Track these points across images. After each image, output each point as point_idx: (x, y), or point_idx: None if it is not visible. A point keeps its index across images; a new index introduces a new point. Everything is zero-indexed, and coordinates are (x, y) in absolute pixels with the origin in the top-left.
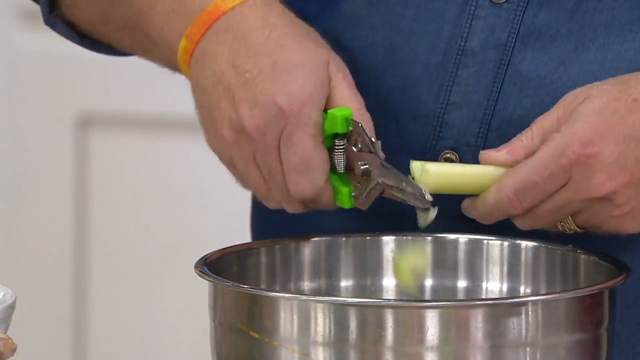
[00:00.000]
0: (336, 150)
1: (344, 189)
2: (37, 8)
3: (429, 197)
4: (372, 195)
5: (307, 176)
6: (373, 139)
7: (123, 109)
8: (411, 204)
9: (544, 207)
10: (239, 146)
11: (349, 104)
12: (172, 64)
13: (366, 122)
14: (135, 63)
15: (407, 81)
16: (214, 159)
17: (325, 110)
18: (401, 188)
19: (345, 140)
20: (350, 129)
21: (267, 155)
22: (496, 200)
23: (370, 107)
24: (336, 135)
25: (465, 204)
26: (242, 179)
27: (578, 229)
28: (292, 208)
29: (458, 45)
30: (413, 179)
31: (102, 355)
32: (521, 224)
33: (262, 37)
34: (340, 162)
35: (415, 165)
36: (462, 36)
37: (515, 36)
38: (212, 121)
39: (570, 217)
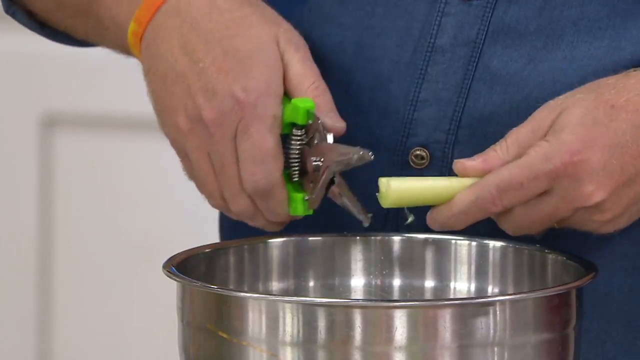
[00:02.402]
0: (293, 140)
1: (298, 195)
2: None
3: (369, 155)
4: (322, 186)
5: (263, 167)
6: (329, 138)
7: (88, 109)
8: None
9: (533, 215)
10: (194, 136)
11: (304, 80)
12: (124, 48)
13: (323, 94)
14: (100, 63)
15: (377, 79)
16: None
17: (286, 95)
18: (350, 160)
19: (303, 130)
20: (310, 122)
21: (222, 146)
22: (477, 195)
23: (340, 105)
24: (295, 125)
25: (434, 211)
26: (192, 170)
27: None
28: (237, 205)
29: (428, 42)
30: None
31: (69, 357)
32: (510, 229)
33: (211, 22)
34: (295, 153)
35: (382, 182)
36: (431, 33)
37: (484, 33)
38: (165, 107)
39: None
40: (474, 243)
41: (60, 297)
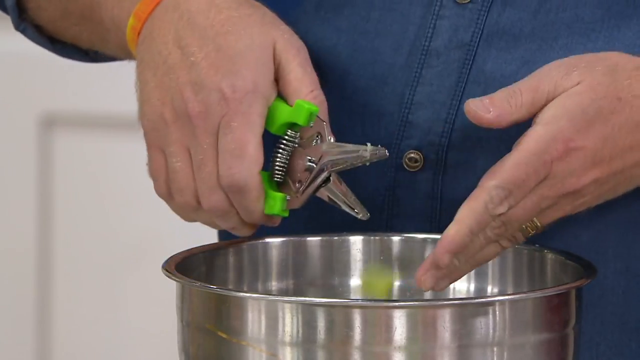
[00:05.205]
0: (285, 140)
1: (277, 195)
2: None
3: (384, 151)
4: (312, 185)
5: (241, 162)
6: (332, 139)
7: (87, 109)
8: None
9: (517, 211)
10: (177, 128)
11: (302, 87)
12: (125, 49)
13: (321, 105)
14: (99, 63)
15: (371, 81)
16: None
17: (281, 97)
18: (360, 155)
19: (297, 133)
20: (311, 125)
21: (204, 140)
22: (485, 201)
23: (334, 107)
24: (291, 126)
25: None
26: (161, 164)
27: (540, 228)
28: (210, 201)
29: (422, 45)
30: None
31: (68, 357)
32: (506, 243)
33: (208, 19)
34: (284, 154)
35: None
36: (426, 36)
37: (479, 36)
38: (151, 97)
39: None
40: None
41: (59, 296)
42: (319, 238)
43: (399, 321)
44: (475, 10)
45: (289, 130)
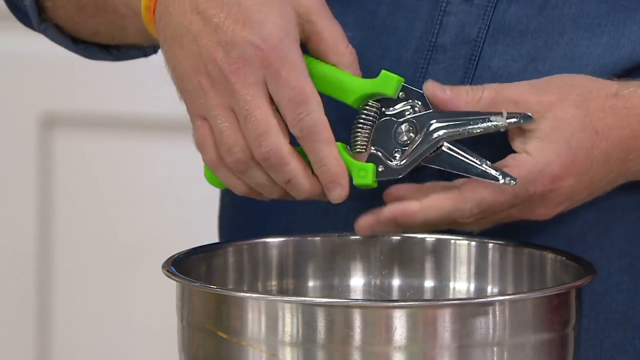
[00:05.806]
0: (366, 111)
1: (368, 165)
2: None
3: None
4: (421, 155)
5: (306, 106)
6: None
7: (87, 109)
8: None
9: (479, 222)
10: (216, 92)
11: (339, 43)
12: (144, 33)
13: (356, 59)
14: (99, 63)
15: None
16: (180, 158)
17: (304, 50)
18: (493, 121)
19: (379, 103)
20: (401, 95)
21: (246, 92)
22: (455, 207)
23: (341, 102)
24: (372, 97)
25: (402, 210)
26: (206, 130)
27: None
28: (261, 150)
29: (429, 41)
30: None
31: (68, 357)
32: (454, 227)
33: None
34: (366, 124)
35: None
36: (433, 32)
37: (485, 32)
38: (185, 71)
39: None
40: (473, 243)
41: (59, 296)
42: (319, 238)
43: (399, 321)
44: (481, 6)
45: (370, 101)
